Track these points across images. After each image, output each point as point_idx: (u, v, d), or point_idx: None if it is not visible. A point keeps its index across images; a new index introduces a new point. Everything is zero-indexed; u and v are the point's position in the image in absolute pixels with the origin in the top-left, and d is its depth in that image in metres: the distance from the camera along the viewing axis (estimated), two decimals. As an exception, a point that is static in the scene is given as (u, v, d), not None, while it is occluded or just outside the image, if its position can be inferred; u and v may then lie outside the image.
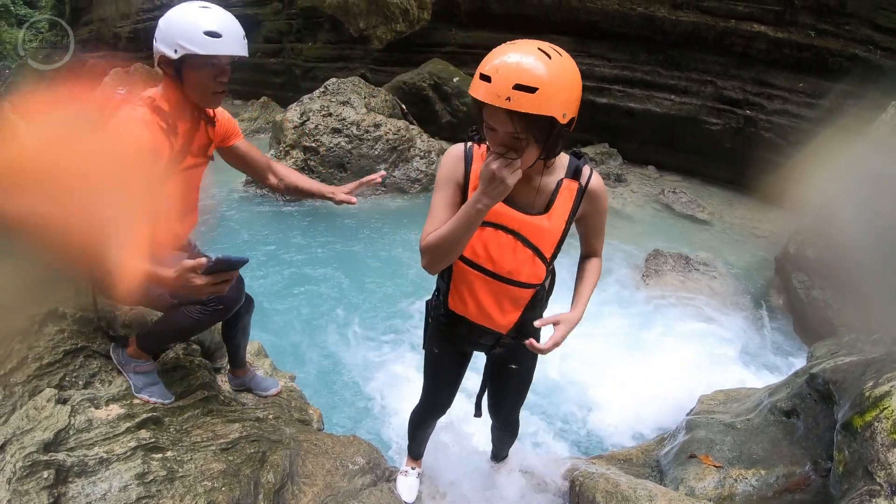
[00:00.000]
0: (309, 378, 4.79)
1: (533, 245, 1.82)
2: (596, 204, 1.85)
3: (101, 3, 24.41)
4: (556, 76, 1.41)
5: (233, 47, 2.04)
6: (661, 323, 5.96)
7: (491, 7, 12.40)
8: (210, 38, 1.98)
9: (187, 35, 1.97)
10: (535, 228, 1.79)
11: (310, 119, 9.24)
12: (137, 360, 2.44)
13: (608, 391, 4.72)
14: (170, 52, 2.00)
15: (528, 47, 1.44)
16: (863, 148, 6.34)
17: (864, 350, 3.31)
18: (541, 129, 1.47)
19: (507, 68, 1.40)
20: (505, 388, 2.35)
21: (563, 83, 1.44)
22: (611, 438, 4.39)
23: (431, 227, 1.75)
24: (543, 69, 1.40)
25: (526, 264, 1.85)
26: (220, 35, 2.00)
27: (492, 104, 1.41)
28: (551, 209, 1.78)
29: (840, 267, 5.60)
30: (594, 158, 11.43)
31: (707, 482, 2.82)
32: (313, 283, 6.59)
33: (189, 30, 1.97)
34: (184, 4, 2.05)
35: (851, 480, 2.18)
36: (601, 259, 2.06)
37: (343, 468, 2.64)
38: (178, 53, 1.99)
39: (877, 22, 8.84)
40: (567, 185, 1.78)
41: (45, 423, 2.03)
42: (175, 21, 2.00)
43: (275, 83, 17.89)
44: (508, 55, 1.43)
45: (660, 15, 10.63)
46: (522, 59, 1.41)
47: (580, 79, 1.50)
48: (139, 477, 1.99)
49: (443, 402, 2.45)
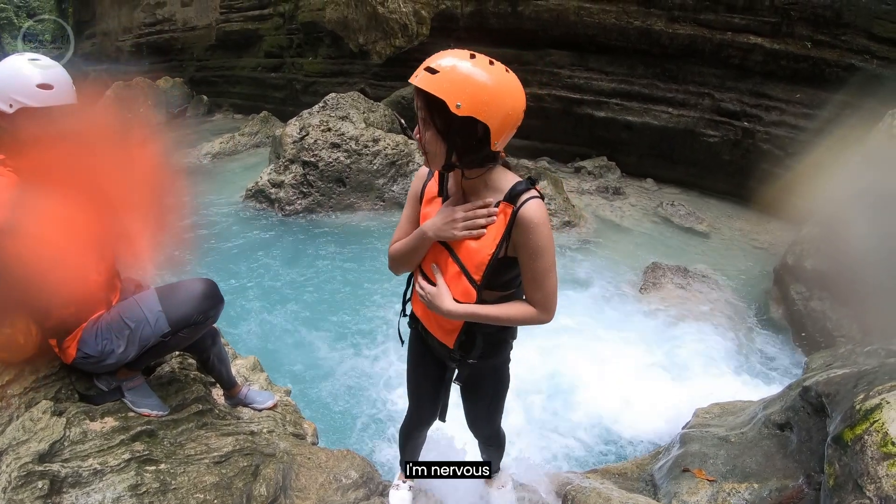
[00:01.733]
0: (304, 392, 4.81)
1: (460, 261, 1.79)
2: (526, 237, 1.68)
3: (104, 17, 24.64)
4: (463, 70, 1.52)
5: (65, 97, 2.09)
6: (658, 335, 5.95)
7: (489, 22, 12.48)
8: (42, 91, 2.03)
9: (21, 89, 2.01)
10: (462, 245, 1.77)
11: (309, 134, 9.30)
12: (126, 379, 2.46)
13: (604, 404, 4.72)
14: (4, 106, 2.02)
15: (465, 52, 1.58)
16: (860, 158, 6.36)
17: (858, 362, 3.31)
18: (440, 115, 1.57)
19: (433, 57, 1.56)
20: (473, 400, 2.35)
21: (467, 77, 1.52)
22: (605, 452, 4.38)
23: (396, 237, 2.02)
24: (453, 62, 1.53)
25: (455, 280, 1.81)
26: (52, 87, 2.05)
27: (411, 82, 1.56)
28: (486, 231, 1.75)
29: (839, 278, 5.61)
30: (592, 172, 11.46)
31: (700, 496, 2.82)
32: (310, 297, 6.61)
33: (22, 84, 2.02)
34: (12, 58, 2.09)
35: (842, 494, 2.18)
36: (540, 313, 1.80)
37: (336, 482, 2.64)
38: (14, 108, 2.02)
39: (873, 32, 8.86)
40: (502, 208, 1.71)
41: (40, 435, 2.05)
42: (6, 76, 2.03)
43: (275, 98, 18.00)
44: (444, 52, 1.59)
45: (657, 28, 10.69)
46: (446, 54, 1.56)
47: (502, 88, 1.57)
48: (132, 488, 2.01)
49: (426, 411, 2.43)
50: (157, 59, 21.85)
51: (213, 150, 13.54)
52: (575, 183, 11.08)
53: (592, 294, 6.89)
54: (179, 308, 2.31)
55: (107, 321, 2.25)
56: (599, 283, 7.19)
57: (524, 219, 1.66)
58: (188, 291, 2.36)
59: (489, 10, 12.31)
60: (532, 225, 1.66)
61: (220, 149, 13.64)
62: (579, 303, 6.60)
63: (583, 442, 4.46)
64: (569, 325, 5.94)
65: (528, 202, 1.67)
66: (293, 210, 9.06)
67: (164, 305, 2.30)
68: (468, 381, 2.18)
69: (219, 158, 13.37)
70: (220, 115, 19.93)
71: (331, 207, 9.13)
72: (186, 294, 2.35)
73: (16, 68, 2.03)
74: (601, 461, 4.20)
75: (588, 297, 6.78)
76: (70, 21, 28.26)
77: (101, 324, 2.25)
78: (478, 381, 2.21)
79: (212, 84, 20.38)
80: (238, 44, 18.96)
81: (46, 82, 2.03)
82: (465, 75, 1.51)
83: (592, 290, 6.99)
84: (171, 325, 2.29)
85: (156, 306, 2.29)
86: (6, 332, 2.09)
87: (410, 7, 12.56)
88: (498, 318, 1.81)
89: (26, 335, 2.15)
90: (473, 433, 2.58)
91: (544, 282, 1.74)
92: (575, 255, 7.91)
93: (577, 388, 4.93)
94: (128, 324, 2.25)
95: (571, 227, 8.66)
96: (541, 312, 1.79)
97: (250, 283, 6.91)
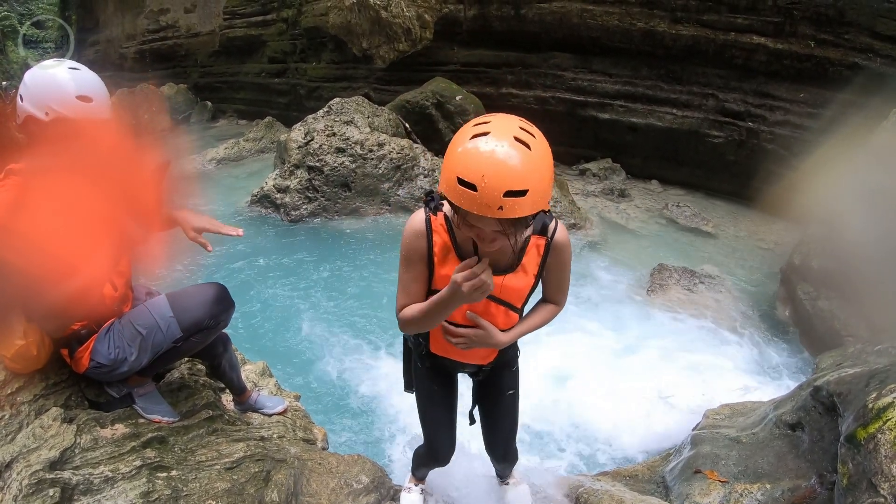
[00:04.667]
0: (314, 397, 4.80)
1: (505, 302, 1.87)
2: (559, 256, 1.85)
3: (108, 24, 24.79)
4: (540, 169, 1.38)
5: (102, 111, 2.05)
6: (666, 337, 5.93)
7: (492, 25, 12.50)
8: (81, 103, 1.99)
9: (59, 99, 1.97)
10: (506, 288, 1.82)
11: (314, 139, 9.31)
12: (137, 385, 2.46)
13: (613, 406, 4.70)
14: (40, 113, 1.99)
15: (503, 137, 1.36)
16: (866, 157, 6.33)
17: (869, 361, 3.29)
18: (526, 219, 1.45)
19: (493, 174, 1.32)
20: (497, 413, 2.37)
21: (547, 171, 1.41)
22: (617, 454, 4.36)
23: (405, 301, 1.84)
24: (529, 166, 1.35)
25: (499, 317, 1.89)
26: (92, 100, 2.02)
27: (482, 215, 1.37)
28: (520, 266, 1.82)
29: (845, 277, 5.59)
30: (597, 174, 11.46)
31: (712, 497, 2.80)
32: (317, 301, 6.61)
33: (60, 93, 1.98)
34: (48, 63, 2.06)
35: (856, 493, 2.16)
36: (561, 308, 2.03)
37: (347, 487, 2.64)
38: (49, 116, 1.98)
39: (876, 30, 8.85)
40: (535, 242, 1.81)
41: (51, 442, 2.05)
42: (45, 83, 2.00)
43: (279, 103, 18.06)
44: (486, 153, 1.34)
45: (660, 30, 10.70)
46: (506, 160, 1.33)
47: (550, 158, 1.45)
48: (144, 496, 2.01)
49: (444, 442, 2.43)
50: (161, 65, 21.94)
51: (218, 155, 13.58)
52: (580, 185, 11.07)
53: (600, 297, 6.87)
54: (190, 313, 2.31)
55: (118, 329, 2.25)
56: (606, 285, 7.17)
57: (558, 244, 1.83)
58: (199, 296, 2.35)
59: (492, 14, 12.34)
60: (563, 247, 1.84)
61: (224, 154, 13.67)
62: (587, 306, 6.58)
63: (592, 445, 4.45)
64: (577, 329, 5.93)
65: (557, 228, 1.82)
66: (299, 215, 9.07)
67: (175, 311, 2.30)
68: (490, 383, 2.27)
69: (223, 164, 13.40)
70: (224, 120, 20.00)
71: (336, 212, 9.14)
72: (197, 299, 2.34)
73: (56, 76, 1.99)
74: (611, 464, 4.19)
75: (596, 300, 6.77)
76: (73, 28, 28.43)
77: (112, 332, 2.25)
78: (500, 377, 2.27)
79: (216, 90, 20.46)
80: (241, 50, 19.03)
81: (86, 94, 2.00)
82: (546, 175, 1.40)
83: (600, 292, 6.98)
84: (182, 331, 2.29)
85: (167, 312, 2.29)
86: (19, 343, 2.10)
87: (414, 11, 12.61)
88: (536, 326, 1.99)
89: (39, 346, 2.16)
90: (495, 453, 2.58)
91: (566, 285, 1.98)
92: (581, 257, 7.89)
93: (586, 391, 4.91)
94: (139, 331, 2.25)
95: (577, 230, 8.64)
96: (560, 308, 2.03)
97: (257, 288, 6.91)
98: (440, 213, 1.79)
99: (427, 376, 2.25)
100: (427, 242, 1.79)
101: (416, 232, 1.80)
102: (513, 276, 1.82)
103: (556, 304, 2.01)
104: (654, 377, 5.12)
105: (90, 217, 1.97)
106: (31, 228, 1.86)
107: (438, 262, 1.79)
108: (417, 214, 1.82)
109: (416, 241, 1.80)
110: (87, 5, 26.71)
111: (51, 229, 1.90)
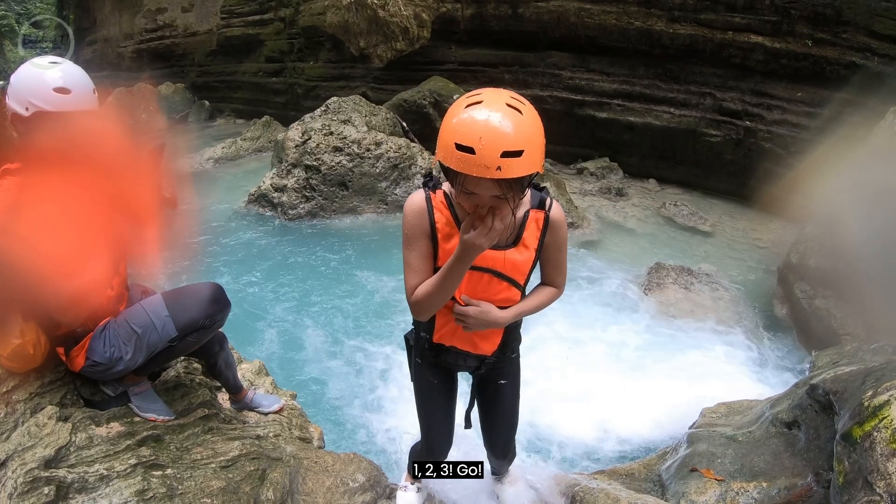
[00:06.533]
0: (310, 396, 4.80)
1: (508, 277, 1.87)
2: (556, 234, 1.87)
3: (105, 23, 24.74)
4: (533, 131, 1.46)
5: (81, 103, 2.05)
6: (663, 336, 5.94)
7: (490, 24, 12.50)
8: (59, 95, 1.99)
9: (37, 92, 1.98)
10: (508, 262, 1.84)
11: (311, 138, 9.30)
12: (132, 384, 2.45)
13: (610, 405, 4.70)
14: (21, 109, 2.00)
15: (496, 105, 1.43)
16: (863, 156, 6.34)
17: (865, 359, 3.29)
18: (522, 182, 1.52)
19: (490, 136, 1.38)
20: (497, 410, 2.37)
21: (539, 135, 1.48)
22: (613, 453, 4.36)
23: (415, 280, 1.83)
24: (523, 128, 1.42)
25: (502, 293, 1.90)
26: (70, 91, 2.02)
27: (480, 176, 1.41)
28: (521, 241, 1.84)
29: (843, 276, 5.59)
30: (595, 173, 11.45)
31: (709, 496, 2.80)
32: (314, 300, 6.61)
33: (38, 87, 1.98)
34: (34, 60, 2.06)
35: (851, 491, 2.17)
36: (560, 291, 2.04)
37: (343, 486, 2.63)
38: (29, 111, 1.99)
39: (873, 29, 8.85)
40: (534, 216, 1.84)
41: (46, 440, 2.05)
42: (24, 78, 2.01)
43: (277, 102, 18.04)
44: (481, 119, 1.41)
45: (657, 29, 10.69)
46: (500, 123, 1.39)
47: (539, 120, 1.52)
48: (139, 494, 2.00)
49: (441, 439, 2.44)
50: (159, 64, 21.89)
51: (216, 155, 13.55)
52: (577, 184, 11.07)
53: (597, 295, 6.87)
54: (186, 312, 2.31)
55: (114, 328, 2.25)
56: (603, 284, 7.17)
57: (555, 220, 1.86)
58: (195, 296, 2.35)
59: (490, 13, 12.33)
60: (560, 223, 1.87)
61: (222, 154, 13.64)
62: (584, 304, 6.58)
63: (589, 443, 4.45)
64: (574, 327, 5.93)
65: (553, 204, 1.86)
66: (296, 214, 9.06)
67: (170, 310, 2.29)
68: (491, 380, 2.26)
69: (221, 163, 13.38)
70: (221, 120, 19.96)
71: (334, 211, 9.13)
72: (193, 298, 2.34)
73: (34, 71, 2.00)
74: (608, 462, 4.19)
75: (592, 299, 6.77)
76: (71, 27, 28.37)
77: (108, 331, 2.24)
78: (503, 376, 2.27)
79: (213, 89, 20.42)
80: (239, 49, 19.00)
81: (64, 86, 2.00)
82: (538, 137, 1.47)
83: (597, 291, 6.98)
84: (178, 330, 2.29)
85: (162, 311, 2.29)
86: (16, 342, 2.09)
87: (411, 10, 12.60)
88: (535, 307, 1.98)
89: (36, 345, 2.15)
90: (492, 450, 2.60)
91: (564, 267, 1.99)
92: (578, 256, 7.90)
93: (582, 389, 4.91)
94: (135, 330, 2.25)
95: (574, 229, 8.64)
96: (560, 291, 2.03)
97: (254, 287, 6.91)
98: (439, 191, 1.82)
99: (427, 370, 2.25)
100: (429, 219, 1.81)
101: (417, 209, 1.82)
102: (514, 250, 1.83)
103: (556, 286, 2.01)
104: (650, 375, 5.13)
105: (89, 217, 1.96)
106: (30, 230, 1.86)
107: (442, 238, 1.81)
108: (416, 194, 1.84)
109: (417, 219, 1.81)
110: (84, 4, 26.69)
111: (50, 230, 1.89)
